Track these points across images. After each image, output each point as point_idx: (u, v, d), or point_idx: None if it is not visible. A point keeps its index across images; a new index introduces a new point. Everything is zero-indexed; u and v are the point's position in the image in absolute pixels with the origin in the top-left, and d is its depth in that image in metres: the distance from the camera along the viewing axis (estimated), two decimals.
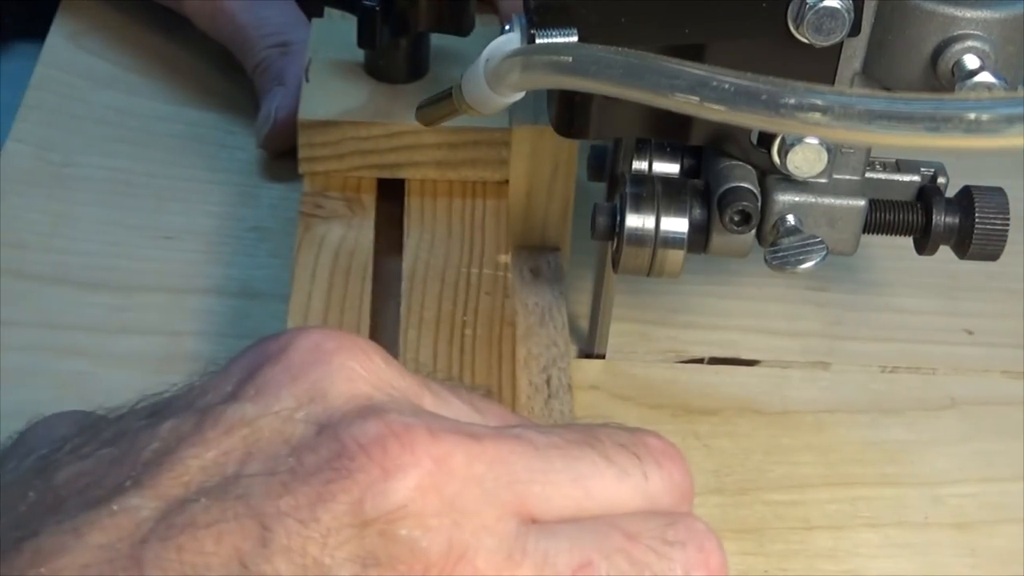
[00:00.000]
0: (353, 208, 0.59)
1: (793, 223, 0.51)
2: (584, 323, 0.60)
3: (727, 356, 0.60)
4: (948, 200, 0.54)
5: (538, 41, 0.47)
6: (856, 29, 0.47)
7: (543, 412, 0.54)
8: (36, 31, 0.74)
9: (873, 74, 0.49)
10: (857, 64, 0.49)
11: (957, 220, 0.53)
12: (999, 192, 0.53)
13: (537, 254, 0.61)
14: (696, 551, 0.37)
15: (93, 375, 0.56)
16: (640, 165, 0.54)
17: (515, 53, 0.47)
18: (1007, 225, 0.53)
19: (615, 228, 0.52)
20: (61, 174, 0.65)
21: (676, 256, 0.52)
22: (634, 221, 0.52)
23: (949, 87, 0.47)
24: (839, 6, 0.46)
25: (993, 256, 0.54)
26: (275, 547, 0.33)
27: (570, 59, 0.43)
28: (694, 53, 0.47)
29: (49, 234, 0.62)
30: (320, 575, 0.33)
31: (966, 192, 0.53)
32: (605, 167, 0.57)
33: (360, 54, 0.61)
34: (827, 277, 0.63)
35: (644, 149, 0.54)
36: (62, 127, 0.67)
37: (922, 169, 0.55)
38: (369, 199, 0.59)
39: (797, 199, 0.52)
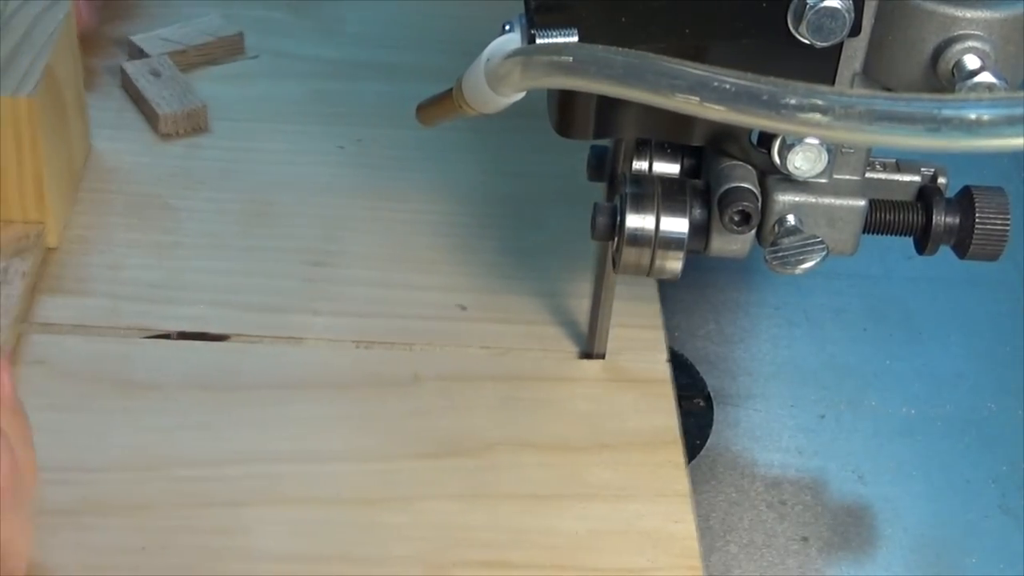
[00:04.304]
0: None
1: (793, 223, 0.51)
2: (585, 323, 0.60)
3: None
4: (948, 200, 0.54)
5: (538, 41, 0.47)
6: (856, 29, 0.47)
7: None
8: None
9: (873, 74, 0.49)
10: (857, 64, 0.49)
11: (957, 220, 0.53)
12: (999, 192, 0.53)
13: None
14: None
15: None
16: (640, 165, 0.54)
17: (515, 53, 0.47)
18: (1007, 225, 0.53)
19: (615, 228, 0.52)
20: None
21: (676, 256, 0.52)
22: (634, 221, 0.52)
23: (950, 87, 0.47)
24: (839, 6, 0.46)
25: (993, 256, 0.54)
26: None
27: (570, 59, 0.43)
28: (694, 53, 0.47)
29: None
30: None
31: (966, 192, 0.54)
32: (605, 167, 0.57)
33: None
34: None
35: (644, 149, 0.54)
36: None
37: (922, 169, 0.55)
38: None
39: (797, 199, 0.52)
